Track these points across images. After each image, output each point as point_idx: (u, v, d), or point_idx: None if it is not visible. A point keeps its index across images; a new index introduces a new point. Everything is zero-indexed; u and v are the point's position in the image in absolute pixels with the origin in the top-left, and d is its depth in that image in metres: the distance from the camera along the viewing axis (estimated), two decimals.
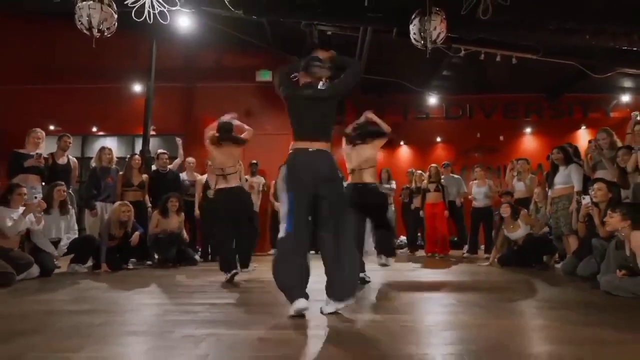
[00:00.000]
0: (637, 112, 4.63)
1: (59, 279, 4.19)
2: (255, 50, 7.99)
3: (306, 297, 2.41)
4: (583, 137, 8.33)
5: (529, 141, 8.61)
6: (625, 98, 8.01)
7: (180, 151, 6.54)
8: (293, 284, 2.41)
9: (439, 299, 3.10)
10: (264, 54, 8.07)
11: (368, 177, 3.69)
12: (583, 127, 8.32)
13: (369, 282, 3.66)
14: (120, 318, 2.52)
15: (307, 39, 6.99)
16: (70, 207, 4.81)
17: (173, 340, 2.01)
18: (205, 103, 8.39)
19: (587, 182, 4.50)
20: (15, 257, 3.97)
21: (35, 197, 4.77)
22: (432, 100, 8.42)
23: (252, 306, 2.91)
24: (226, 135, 4.20)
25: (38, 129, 5.20)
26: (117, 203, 5.05)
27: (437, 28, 4.33)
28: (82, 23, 4.39)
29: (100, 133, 8.51)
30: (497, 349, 1.90)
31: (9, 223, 4.05)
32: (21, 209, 4.18)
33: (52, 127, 8.32)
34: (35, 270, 4.16)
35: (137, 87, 8.15)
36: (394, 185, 7.44)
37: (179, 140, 6.54)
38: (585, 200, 3.86)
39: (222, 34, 7.32)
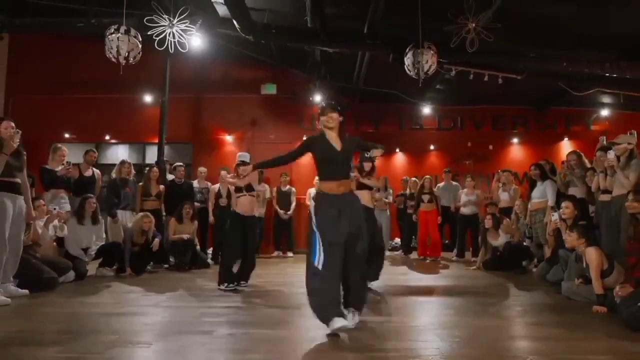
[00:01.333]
0: (603, 137, 5.21)
1: (92, 282, 4.74)
2: (260, 65, 8.51)
3: (343, 315, 2.61)
4: (566, 149, 8.86)
5: (517, 151, 9.19)
6: (605, 112, 8.61)
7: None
8: (329, 308, 2.61)
9: (428, 303, 3.68)
10: (268, 68, 8.59)
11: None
12: (566, 139, 8.91)
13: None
14: (166, 319, 3.08)
15: (310, 56, 7.54)
16: (100, 217, 5.33)
17: (217, 337, 2.58)
18: (214, 113, 8.92)
19: (561, 197, 5.09)
20: (55, 262, 4.52)
21: (62, 207, 5.30)
22: (426, 110, 8.97)
23: (268, 308, 3.47)
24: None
25: (62, 147, 5.66)
26: (140, 214, 5.58)
27: (429, 61, 4.88)
28: (111, 53, 4.90)
29: (113, 141, 9.01)
30: (472, 343, 2.48)
31: (39, 231, 4.59)
32: (45, 219, 4.71)
33: (67, 135, 8.85)
34: (71, 274, 4.70)
35: (148, 98, 8.64)
36: (390, 198, 8.01)
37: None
38: (554, 217, 4.45)
39: (230, 49, 7.82)
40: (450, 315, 3.25)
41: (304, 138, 3.10)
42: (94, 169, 6.09)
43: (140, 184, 6.31)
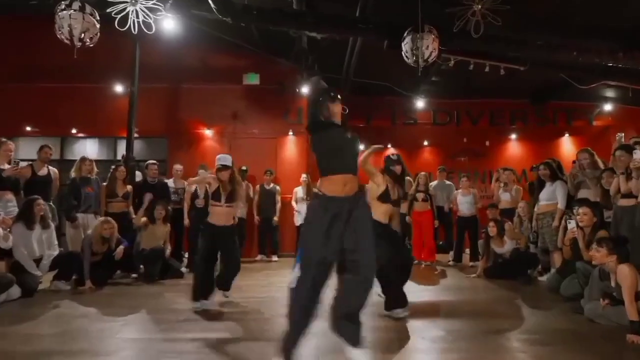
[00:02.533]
0: (621, 134, 4.73)
1: (42, 300, 4.07)
2: (242, 52, 7.81)
3: None
4: (566, 145, 8.50)
5: (514, 147, 8.74)
6: (608, 107, 8.19)
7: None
8: (285, 345, 2.26)
9: (424, 329, 3.12)
10: (251, 56, 7.90)
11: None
12: (567, 135, 8.49)
13: None
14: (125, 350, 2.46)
15: (297, 43, 6.89)
16: (50, 221, 4.65)
17: None
18: (191, 105, 8.20)
19: (571, 201, 4.60)
20: None
21: (9, 212, 4.63)
22: (420, 104, 8.44)
23: (246, 341, 2.88)
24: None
25: (9, 141, 4.97)
26: (99, 220, 4.92)
27: (429, 47, 4.31)
28: (62, 33, 4.20)
29: (81, 135, 8.24)
30: None
31: None
32: None
33: (29, 128, 8.05)
34: (16, 291, 4.04)
35: (119, 88, 7.88)
36: None
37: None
38: (571, 224, 3.93)
39: (208, 34, 7.12)
40: (449, 341, 2.71)
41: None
42: (50, 167, 5.40)
43: (105, 184, 5.63)
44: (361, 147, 2.56)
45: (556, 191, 4.83)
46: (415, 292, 4.70)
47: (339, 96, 2.42)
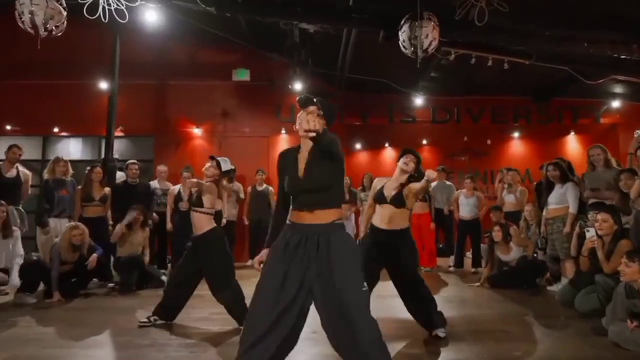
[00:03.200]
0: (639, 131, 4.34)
1: (4, 315, 3.67)
2: (231, 47, 7.42)
3: None
4: (572, 144, 8.11)
5: (517, 146, 8.34)
6: (616, 104, 7.79)
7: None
8: None
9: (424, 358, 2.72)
10: (241, 50, 7.51)
11: None
12: (572, 133, 8.09)
13: None
14: None
15: (288, 37, 6.50)
16: (13, 228, 4.25)
17: None
18: (178, 102, 7.82)
19: (587, 205, 4.22)
20: None
21: None
22: (419, 101, 8.04)
23: None
24: None
25: None
26: (67, 226, 4.52)
27: (429, 35, 3.91)
28: (24, 21, 3.80)
29: (63, 134, 7.84)
30: None
31: None
32: None
33: (9, 127, 7.66)
34: None
35: (104, 84, 7.46)
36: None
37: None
38: (590, 233, 3.53)
39: (195, 28, 6.72)
40: None
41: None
42: (20, 168, 5.00)
43: (80, 187, 5.23)
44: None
45: (567, 194, 4.44)
46: None
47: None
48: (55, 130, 7.79)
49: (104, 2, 4.09)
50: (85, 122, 7.68)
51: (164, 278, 5.18)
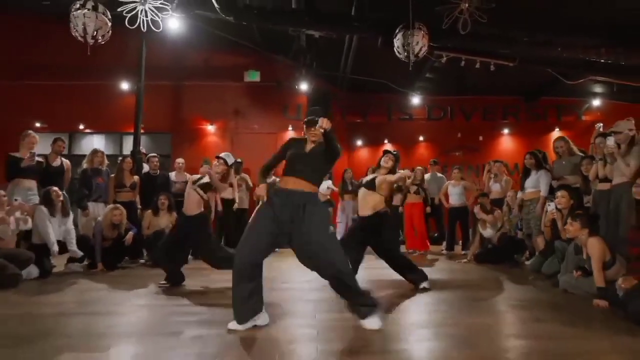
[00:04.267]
0: (600, 124, 5.02)
1: (58, 279, 4.37)
2: (243, 50, 8.13)
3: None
4: None
5: (507, 142, 9.03)
6: (596, 102, 8.49)
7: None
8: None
9: (418, 298, 3.42)
10: (252, 54, 8.22)
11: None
12: (557, 130, 8.78)
13: None
14: (128, 320, 2.76)
15: (296, 42, 7.21)
16: (69, 210, 4.95)
17: (185, 340, 2.27)
18: (194, 102, 8.53)
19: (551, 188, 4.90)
20: (15, 254, 4.14)
21: (30, 199, 4.95)
22: (415, 100, 8.73)
23: None
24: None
25: (32, 133, 5.27)
26: (109, 207, 5.21)
27: (419, 42, 4.61)
28: (77, 31, 4.50)
29: (88, 130, 8.55)
30: (467, 343, 2.23)
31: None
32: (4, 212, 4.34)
33: (38, 125, 8.35)
34: (34, 270, 4.33)
35: (125, 85, 8.20)
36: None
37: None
38: (551, 207, 4.23)
39: (210, 34, 7.43)
40: (442, 312, 3.00)
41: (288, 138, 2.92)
42: (63, 159, 5.69)
43: (113, 175, 5.92)
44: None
45: (540, 179, 5.13)
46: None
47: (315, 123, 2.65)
48: (81, 127, 8.51)
49: (142, 15, 4.79)
50: (108, 120, 8.41)
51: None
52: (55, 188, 4.86)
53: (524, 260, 5.62)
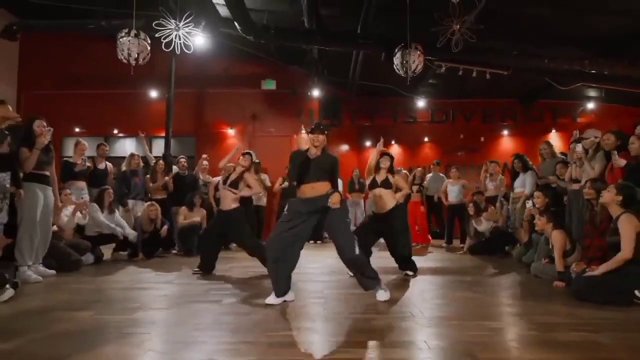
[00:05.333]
0: (576, 132, 5.62)
1: (109, 265, 5.21)
2: (260, 61, 8.89)
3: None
4: (553, 140, 9.26)
5: (506, 143, 9.60)
6: (590, 105, 8.99)
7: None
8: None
9: (414, 280, 4.12)
10: (268, 64, 8.98)
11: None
12: (553, 131, 9.31)
13: None
14: (177, 292, 3.55)
15: (308, 53, 7.93)
16: (114, 207, 5.78)
17: (224, 305, 3.04)
18: (216, 108, 9.34)
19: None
20: (75, 243, 4.99)
21: (82, 197, 5.80)
22: (420, 104, 9.36)
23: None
24: None
25: (82, 141, 6.08)
26: (146, 204, 6.04)
27: (416, 61, 5.28)
28: (122, 55, 5.31)
29: (121, 134, 9.44)
30: (450, 308, 2.94)
31: (65, 219, 5.05)
32: (70, 208, 5.17)
33: (77, 129, 9.29)
34: (90, 257, 5.18)
35: (154, 93, 9.04)
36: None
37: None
38: (529, 204, 4.88)
39: (231, 47, 8.20)
40: (433, 289, 3.70)
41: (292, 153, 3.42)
42: (106, 162, 6.54)
43: (149, 176, 6.75)
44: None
45: (526, 179, 5.76)
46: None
47: (318, 129, 3.25)
48: (115, 131, 9.40)
49: (176, 39, 5.57)
50: (138, 125, 9.24)
51: None
52: (110, 190, 5.70)
53: (513, 252, 6.26)
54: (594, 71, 6.36)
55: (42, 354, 2.03)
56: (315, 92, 8.65)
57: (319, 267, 4.98)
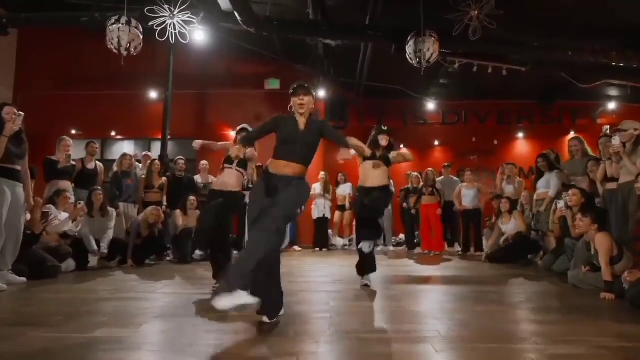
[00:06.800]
0: (607, 126, 5.11)
1: (93, 272, 4.73)
2: (263, 60, 8.50)
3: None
4: None
5: (522, 145, 9.09)
6: (612, 106, 8.48)
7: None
8: None
9: (429, 290, 3.61)
10: (272, 63, 8.59)
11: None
12: (572, 133, 8.77)
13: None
14: (160, 304, 3.05)
15: (313, 51, 7.52)
16: (108, 209, 5.31)
17: (209, 320, 2.54)
18: (218, 109, 8.94)
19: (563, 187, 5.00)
20: (55, 248, 4.51)
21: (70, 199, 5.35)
22: (430, 106, 8.92)
23: None
24: None
25: (67, 138, 5.69)
26: (150, 207, 5.58)
27: (430, 49, 4.83)
28: (112, 44, 4.92)
29: (119, 137, 9.06)
30: (472, 325, 2.42)
31: (56, 222, 4.60)
32: (63, 214, 4.72)
33: (74, 131, 8.91)
34: (71, 263, 4.70)
35: (153, 94, 8.67)
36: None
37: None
38: (560, 204, 4.35)
39: (233, 44, 7.83)
40: (451, 301, 3.18)
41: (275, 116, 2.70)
42: (97, 161, 6.11)
43: (143, 176, 6.31)
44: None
45: (550, 180, 5.24)
46: (419, 270, 5.19)
47: (303, 88, 2.59)
48: (112, 133, 9.02)
49: (171, 28, 5.18)
50: (137, 127, 8.91)
51: None
52: (99, 190, 5.25)
53: (537, 261, 5.70)
54: (621, 64, 5.87)
55: None
56: (321, 93, 8.22)
57: (323, 274, 4.46)
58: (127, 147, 9.06)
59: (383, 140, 3.92)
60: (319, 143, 2.61)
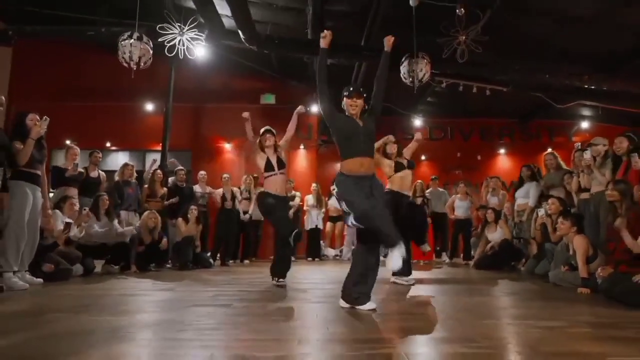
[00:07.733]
0: (579, 143, 5.63)
1: (99, 277, 4.87)
2: (260, 76, 8.85)
3: None
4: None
5: (503, 161, 9.63)
6: (585, 125, 9.14)
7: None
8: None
9: (416, 289, 3.90)
10: (268, 79, 8.94)
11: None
12: (549, 149, 9.34)
13: None
14: (173, 297, 3.26)
15: (309, 68, 7.92)
16: (114, 214, 5.46)
17: (220, 310, 2.78)
18: (213, 122, 9.19)
19: (541, 197, 5.46)
20: (66, 252, 4.66)
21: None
22: (418, 122, 9.39)
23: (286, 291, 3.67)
24: None
25: (75, 146, 5.85)
26: (146, 212, 5.76)
27: (423, 69, 5.26)
28: (124, 58, 5.17)
29: (114, 148, 9.18)
30: (458, 314, 2.73)
31: (60, 226, 4.73)
32: (68, 220, 4.87)
33: (68, 142, 8.98)
34: (79, 268, 4.84)
35: (150, 106, 8.88)
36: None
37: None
38: (541, 212, 4.77)
39: (230, 60, 8.16)
40: (443, 296, 3.49)
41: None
42: (100, 171, 6.27)
43: (146, 185, 6.50)
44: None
45: (530, 190, 5.69)
46: (415, 274, 5.47)
47: (357, 92, 2.88)
48: (107, 144, 9.14)
49: (179, 44, 5.47)
50: (132, 138, 9.05)
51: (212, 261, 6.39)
52: (105, 196, 5.42)
53: (520, 267, 6.10)
54: (592, 87, 6.45)
55: (37, 352, 1.77)
56: (315, 108, 8.59)
57: (323, 277, 4.72)
58: (122, 158, 9.17)
59: (393, 149, 4.40)
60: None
